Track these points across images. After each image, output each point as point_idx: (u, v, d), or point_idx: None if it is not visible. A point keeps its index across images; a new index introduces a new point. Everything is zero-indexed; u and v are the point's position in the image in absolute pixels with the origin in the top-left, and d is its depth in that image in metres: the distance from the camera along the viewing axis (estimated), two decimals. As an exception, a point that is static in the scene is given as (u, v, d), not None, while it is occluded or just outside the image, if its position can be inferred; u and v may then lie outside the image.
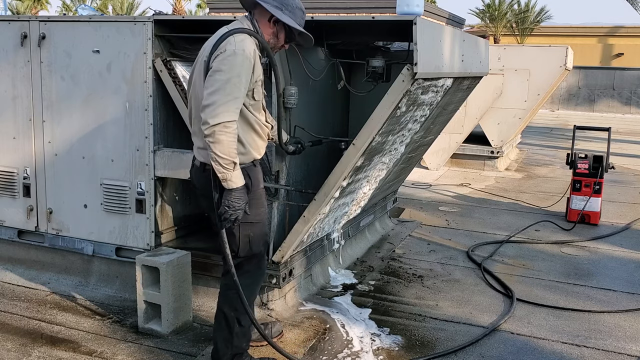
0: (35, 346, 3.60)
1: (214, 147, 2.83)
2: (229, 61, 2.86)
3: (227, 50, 2.87)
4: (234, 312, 3.19)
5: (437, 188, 8.55)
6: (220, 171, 2.87)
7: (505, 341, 3.84)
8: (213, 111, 2.83)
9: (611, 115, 23.02)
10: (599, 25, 39.44)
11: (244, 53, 2.88)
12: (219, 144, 2.82)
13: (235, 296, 3.13)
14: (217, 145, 2.83)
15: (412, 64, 3.37)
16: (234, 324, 3.20)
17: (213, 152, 2.84)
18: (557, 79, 9.70)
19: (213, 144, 2.83)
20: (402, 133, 4.23)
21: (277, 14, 3.02)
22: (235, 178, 2.90)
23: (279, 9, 3.05)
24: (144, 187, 4.08)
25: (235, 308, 3.18)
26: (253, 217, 3.13)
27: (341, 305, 4.28)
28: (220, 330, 3.24)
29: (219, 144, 2.82)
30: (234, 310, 3.18)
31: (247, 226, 3.13)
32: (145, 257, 3.76)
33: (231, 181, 2.90)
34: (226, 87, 2.85)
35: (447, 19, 5.88)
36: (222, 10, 5.71)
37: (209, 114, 2.83)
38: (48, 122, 4.28)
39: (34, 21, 4.22)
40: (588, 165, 6.72)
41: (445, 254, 5.57)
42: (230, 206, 2.93)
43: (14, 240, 4.61)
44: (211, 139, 2.83)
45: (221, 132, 2.82)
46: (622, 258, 5.60)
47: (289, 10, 3.08)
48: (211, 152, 2.85)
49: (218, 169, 2.87)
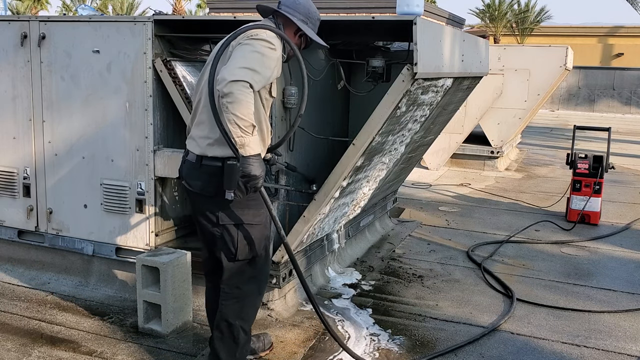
0: (35, 346, 3.60)
1: (232, 107, 2.59)
2: (260, 43, 2.77)
3: (259, 35, 2.80)
4: (239, 320, 3.09)
5: (437, 188, 8.55)
6: (238, 135, 2.64)
7: (505, 341, 3.84)
8: (234, 69, 2.64)
9: (611, 115, 23.02)
10: (599, 25, 39.45)
11: (276, 45, 2.83)
12: (238, 103, 2.59)
13: (239, 305, 3.05)
14: (236, 106, 2.59)
15: (412, 64, 3.37)
16: (239, 333, 3.10)
17: (232, 112, 2.59)
18: (557, 79, 9.70)
19: (232, 103, 2.59)
20: (402, 133, 4.23)
21: (304, 29, 3.04)
22: (253, 143, 2.69)
23: (305, 22, 3.06)
24: (144, 187, 4.08)
25: (240, 317, 3.09)
26: (252, 218, 3.01)
27: (341, 305, 4.28)
28: (223, 341, 3.11)
29: (239, 103, 2.59)
30: (239, 319, 3.09)
31: (246, 228, 3.01)
32: (145, 257, 3.76)
33: (249, 147, 2.68)
34: (254, 56, 2.72)
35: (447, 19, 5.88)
36: (222, 10, 5.71)
37: (230, 71, 2.63)
38: (48, 122, 4.28)
39: (34, 21, 4.22)
40: (588, 165, 6.72)
41: (445, 254, 5.56)
42: (250, 175, 2.72)
43: (14, 240, 4.61)
44: (229, 98, 2.59)
45: (241, 92, 2.60)
46: (622, 258, 5.60)
47: (312, 23, 3.11)
48: (230, 113, 2.60)
49: (236, 132, 2.63)
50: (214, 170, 2.89)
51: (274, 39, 2.84)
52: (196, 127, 2.99)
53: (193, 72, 4.11)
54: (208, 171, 2.91)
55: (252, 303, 3.16)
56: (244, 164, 2.71)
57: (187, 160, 3.03)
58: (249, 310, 3.14)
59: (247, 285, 3.09)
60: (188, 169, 3.02)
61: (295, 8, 3.05)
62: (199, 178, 2.96)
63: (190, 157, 2.99)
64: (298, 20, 3.04)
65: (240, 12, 5.58)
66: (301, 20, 3.05)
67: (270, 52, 2.80)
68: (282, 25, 3.06)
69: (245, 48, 2.75)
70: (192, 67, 4.13)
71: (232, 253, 3.03)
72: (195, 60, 4.21)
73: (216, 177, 2.86)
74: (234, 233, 3.00)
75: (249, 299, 3.12)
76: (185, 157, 3.05)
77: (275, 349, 3.62)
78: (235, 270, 3.07)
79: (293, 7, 3.05)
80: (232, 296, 3.07)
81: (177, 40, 4.12)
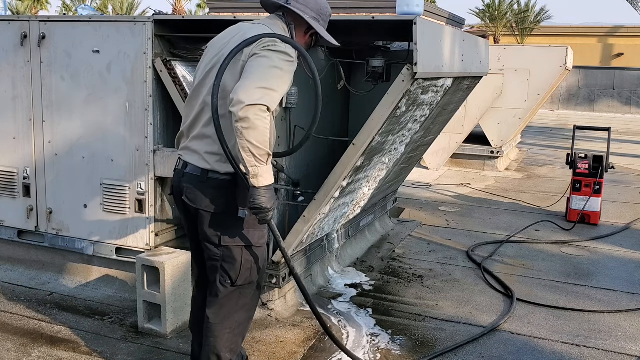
0: (35, 346, 3.60)
1: (248, 133, 2.35)
2: (279, 56, 2.54)
3: (278, 46, 2.56)
4: (230, 354, 2.86)
5: (437, 188, 8.55)
6: (251, 164, 2.41)
7: (505, 341, 3.84)
8: (252, 90, 2.39)
9: (611, 115, 23.01)
10: (599, 25, 39.45)
11: (294, 57, 2.61)
12: (254, 130, 2.35)
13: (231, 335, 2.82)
14: (251, 132, 2.35)
15: (412, 64, 3.37)
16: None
17: (247, 140, 2.36)
18: (557, 79, 9.70)
19: (247, 130, 2.35)
20: (402, 133, 4.23)
21: (317, 27, 2.82)
22: (266, 173, 2.46)
23: (317, 20, 2.83)
24: (144, 187, 4.08)
25: (231, 349, 2.85)
26: (257, 240, 2.76)
27: (341, 305, 4.28)
28: None
29: (255, 130, 2.35)
30: (230, 352, 2.85)
31: (250, 250, 2.74)
32: (145, 257, 3.76)
33: (262, 177, 2.45)
34: (273, 72, 2.49)
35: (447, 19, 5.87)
36: (222, 10, 5.70)
37: (247, 93, 2.38)
38: (48, 122, 4.28)
39: (34, 21, 4.22)
40: (588, 165, 6.72)
41: (445, 254, 5.56)
42: (261, 208, 2.49)
43: (14, 240, 4.61)
44: (245, 123, 2.35)
45: (258, 117, 2.36)
46: (622, 258, 5.60)
47: (323, 20, 2.87)
48: (244, 140, 2.37)
49: (250, 161, 2.40)
50: (223, 184, 2.66)
51: (291, 50, 2.62)
52: (199, 140, 2.71)
53: (193, 72, 4.11)
54: (215, 185, 2.66)
55: (242, 332, 2.91)
56: (255, 195, 2.47)
57: (187, 174, 2.73)
58: (238, 340, 2.90)
59: (240, 314, 2.85)
60: (190, 182, 2.72)
61: (306, 4, 2.81)
62: (205, 193, 2.68)
63: (192, 170, 2.71)
64: (310, 18, 2.80)
65: (240, 12, 5.57)
66: (313, 17, 2.81)
67: (289, 66, 2.59)
68: (293, 24, 2.82)
69: (262, 62, 2.51)
70: (192, 67, 4.13)
71: (232, 278, 2.75)
72: (195, 60, 4.20)
73: (224, 192, 2.66)
74: (238, 256, 2.73)
75: (240, 328, 2.88)
76: (183, 170, 2.75)
77: (275, 349, 3.62)
78: (230, 297, 2.80)
79: (304, 3, 2.80)
80: (224, 327, 2.81)
81: (177, 40, 4.12)
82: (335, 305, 4.26)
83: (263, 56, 2.53)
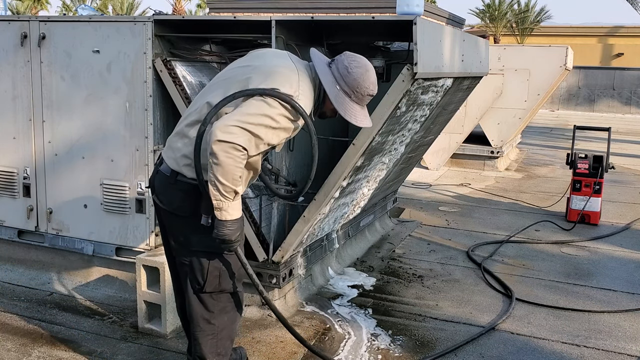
0: (35, 346, 3.60)
1: (216, 169, 2.36)
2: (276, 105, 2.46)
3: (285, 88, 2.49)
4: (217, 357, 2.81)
5: (437, 188, 8.55)
6: (216, 197, 2.41)
7: (505, 341, 3.84)
8: (229, 126, 2.35)
9: (611, 115, 23.01)
10: (599, 25, 39.45)
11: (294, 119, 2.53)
12: (221, 167, 2.35)
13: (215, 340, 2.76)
14: (219, 169, 2.36)
15: (412, 64, 3.37)
16: None
17: (214, 174, 2.38)
18: (557, 79, 9.70)
19: (216, 165, 2.36)
20: (402, 133, 4.23)
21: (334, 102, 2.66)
22: (232, 209, 2.45)
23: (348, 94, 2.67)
24: (144, 187, 4.08)
25: (217, 352, 2.81)
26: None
27: (341, 305, 4.28)
28: None
29: (222, 167, 2.35)
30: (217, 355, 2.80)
31: (219, 257, 2.67)
32: (145, 257, 3.77)
33: (226, 212, 2.44)
34: (262, 120, 2.42)
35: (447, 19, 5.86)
36: (222, 10, 5.70)
37: (223, 128, 2.35)
38: (48, 122, 4.28)
39: (34, 21, 4.22)
40: (588, 165, 6.72)
41: (445, 254, 5.57)
42: (224, 241, 2.48)
43: (14, 240, 4.61)
44: (214, 159, 2.35)
45: (229, 155, 2.34)
46: (622, 258, 5.60)
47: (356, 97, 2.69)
48: (211, 174, 2.39)
49: (215, 194, 2.41)
50: (190, 188, 2.61)
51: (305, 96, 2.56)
52: (179, 137, 2.66)
53: (193, 72, 4.11)
54: (184, 188, 2.63)
55: (229, 334, 2.84)
56: (219, 227, 2.46)
57: (160, 172, 2.71)
58: (225, 343, 2.82)
59: (218, 318, 2.77)
60: (161, 182, 2.70)
61: (343, 76, 2.65)
62: (173, 195, 2.66)
63: (164, 169, 2.68)
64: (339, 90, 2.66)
65: (240, 12, 5.57)
66: (345, 92, 2.66)
67: (286, 123, 2.52)
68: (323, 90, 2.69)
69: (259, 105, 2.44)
70: (192, 67, 4.13)
71: (199, 284, 2.69)
72: (195, 60, 4.21)
73: (193, 195, 2.61)
74: (204, 262, 2.66)
75: (224, 332, 2.81)
76: (158, 167, 2.73)
77: (275, 349, 3.62)
78: (202, 303, 2.74)
79: (341, 73, 2.65)
80: (206, 333, 2.76)
81: (177, 40, 4.12)
82: (335, 306, 4.26)
83: (264, 100, 2.47)
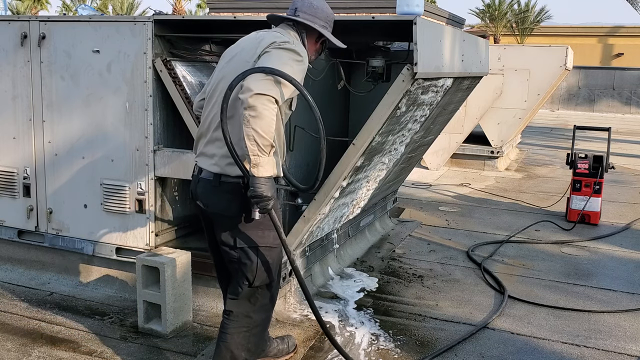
0: (35, 346, 3.60)
1: (254, 122, 2.41)
2: (288, 54, 2.64)
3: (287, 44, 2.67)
4: (246, 352, 2.90)
5: (437, 188, 8.55)
6: (253, 152, 2.45)
7: (505, 341, 3.84)
8: (261, 81, 2.46)
9: (611, 115, 23.02)
10: (599, 25, 39.47)
11: (304, 57, 2.72)
12: (260, 119, 2.41)
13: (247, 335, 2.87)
14: (257, 121, 2.41)
15: (412, 64, 3.37)
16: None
17: (252, 127, 2.41)
18: (557, 79, 9.71)
19: (254, 118, 2.41)
20: (402, 133, 4.23)
21: (327, 35, 2.91)
22: (268, 165, 2.51)
23: (325, 27, 2.92)
24: (144, 187, 4.08)
25: (247, 348, 2.90)
26: (272, 241, 2.82)
27: (341, 305, 4.28)
28: None
29: (261, 119, 2.41)
30: (246, 350, 2.90)
31: (266, 251, 2.80)
32: (145, 257, 3.77)
33: (263, 167, 2.49)
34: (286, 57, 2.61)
35: (447, 19, 5.87)
36: (222, 10, 5.70)
37: (255, 82, 2.45)
38: (48, 122, 4.28)
39: (34, 21, 4.22)
40: (588, 165, 6.72)
41: (445, 254, 5.56)
42: (262, 196, 2.51)
43: (14, 240, 4.61)
44: (252, 111, 2.41)
45: (265, 106, 2.42)
46: (622, 258, 5.60)
47: (330, 26, 2.96)
48: (250, 128, 2.42)
49: (253, 149, 2.45)
50: (235, 188, 2.72)
51: (301, 49, 2.74)
52: (211, 144, 2.79)
53: (193, 72, 4.11)
54: (229, 189, 2.74)
55: (260, 335, 2.98)
56: (254, 184, 2.51)
57: (202, 179, 2.82)
58: (255, 340, 2.94)
59: (258, 314, 2.92)
60: (205, 187, 2.82)
61: (314, 14, 2.89)
62: (219, 197, 2.77)
63: (206, 175, 2.80)
64: (320, 27, 2.89)
65: (240, 12, 5.57)
66: (322, 26, 2.91)
67: (298, 65, 2.67)
68: (305, 34, 2.91)
69: (273, 58, 2.59)
70: (192, 67, 4.13)
71: (249, 279, 2.83)
72: (195, 60, 4.21)
73: (238, 195, 2.71)
74: (253, 257, 2.80)
75: (258, 329, 2.95)
76: (199, 176, 2.85)
77: (275, 349, 3.61)
78: (249, 297, 2.88)
79: (312, 14, 2.89)
80: (241, 325, 2.87)
81: (177, 40, 4.12)
82: (335, 305, 4.26)
83: (274, 53, 2.63)
